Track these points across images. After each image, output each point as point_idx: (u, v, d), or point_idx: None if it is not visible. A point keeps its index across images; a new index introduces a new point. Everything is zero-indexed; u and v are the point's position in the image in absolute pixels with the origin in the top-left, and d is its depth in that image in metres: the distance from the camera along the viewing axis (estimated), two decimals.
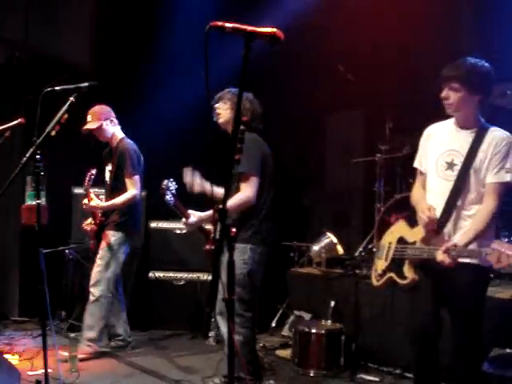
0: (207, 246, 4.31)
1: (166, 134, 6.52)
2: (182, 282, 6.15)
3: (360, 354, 4.98)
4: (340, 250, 5.93)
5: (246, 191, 3.93)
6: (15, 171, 3.26)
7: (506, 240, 4.83)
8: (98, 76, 5.20)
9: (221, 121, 4.18)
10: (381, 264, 3.68)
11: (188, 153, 6.02)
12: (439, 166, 3.45)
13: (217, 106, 4.18)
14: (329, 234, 5.98)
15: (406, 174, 5.80)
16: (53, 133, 3.26)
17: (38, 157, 3.25)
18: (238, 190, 3.97)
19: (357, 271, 5.35)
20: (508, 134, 3.36)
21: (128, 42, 6.87)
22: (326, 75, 6.48)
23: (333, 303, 5.32)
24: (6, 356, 4.92)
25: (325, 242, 5.95)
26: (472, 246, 3.22)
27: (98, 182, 5.37)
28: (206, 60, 2.27)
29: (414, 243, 3.45)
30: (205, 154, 3.98)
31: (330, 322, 5.17)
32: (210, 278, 5.80)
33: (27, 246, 6.46)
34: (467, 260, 3.22)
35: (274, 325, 6.14)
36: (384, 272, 3.62)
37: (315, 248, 5.97)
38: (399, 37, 5.88)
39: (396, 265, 3.52)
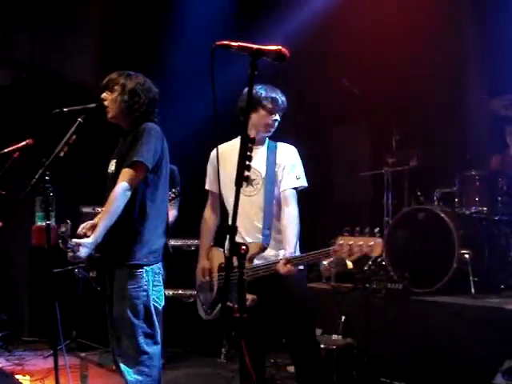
0: None
1: (174, 150, 6.53)
2: (192, 299, 6.13)
3: (372, 368, 4.96)
4: (349, 264, 5.91)
5: (124, 182, 3.23)
6: (24, 193, 3.26)
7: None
8: None
9: (110, 115, 3.45)
10: (208, 297, 3.68)
11: (195, 168, 6.04)
12: None
13: (103, 96, 3.42)
14: None
15: (413, 187, 5.79)
16: (61, 154, 3.28)
17: (47, 178, 3.27)
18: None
19: (367, 285, 5.32)
20: (292, 146, 3.78)
21: (134, 61, 6.89)
22: (332, 88, 6.50)
23: (343, 318, 5.30)
24: (17, 376, 4.93)
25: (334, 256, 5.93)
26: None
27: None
28: (213, 79, 2.28)
29: None
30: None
31: (340, 336, 5.15)
32: None
33: (37, 266, 6.47)
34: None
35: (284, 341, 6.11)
36: (215, 303, 3.63)
37: (324, 263, 5.96)
38: (406, 49, 5.89)
39: (224, 293, 3.32)
